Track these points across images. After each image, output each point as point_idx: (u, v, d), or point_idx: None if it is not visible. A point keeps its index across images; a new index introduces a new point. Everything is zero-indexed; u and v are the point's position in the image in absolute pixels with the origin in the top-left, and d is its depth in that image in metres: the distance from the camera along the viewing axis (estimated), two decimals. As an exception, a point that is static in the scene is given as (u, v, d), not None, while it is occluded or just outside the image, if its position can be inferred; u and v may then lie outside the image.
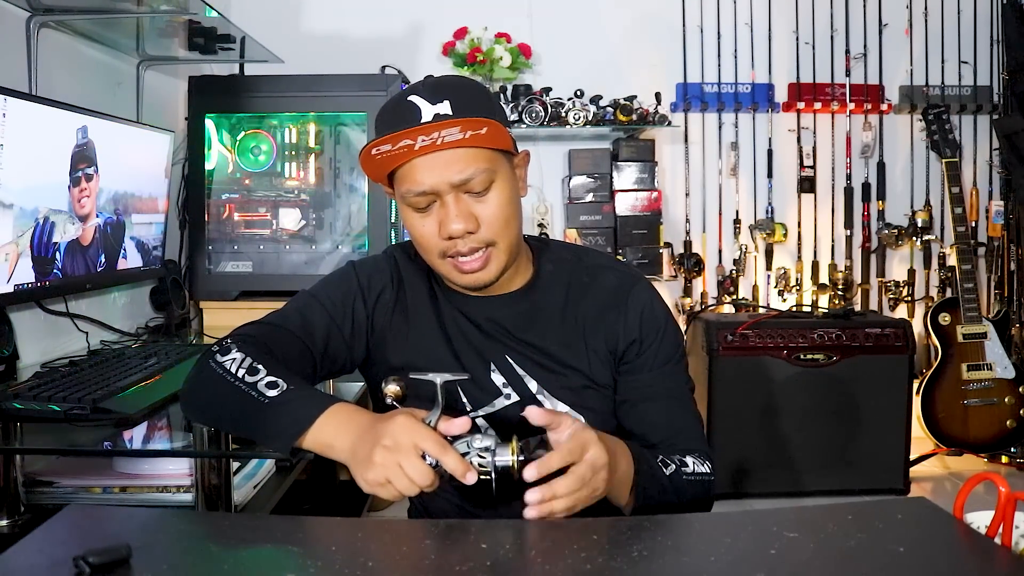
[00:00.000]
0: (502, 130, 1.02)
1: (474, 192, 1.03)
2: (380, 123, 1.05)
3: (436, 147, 0.99)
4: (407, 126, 0.99)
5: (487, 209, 1.04)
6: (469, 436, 0.90)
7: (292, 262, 2.62)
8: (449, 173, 1.01)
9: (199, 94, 2.60)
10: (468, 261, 1.05)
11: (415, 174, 1.02)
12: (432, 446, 0.86)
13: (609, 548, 0.80)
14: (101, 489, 1.53)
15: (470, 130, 0.99)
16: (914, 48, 3.29)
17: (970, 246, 3.11)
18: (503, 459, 0.89)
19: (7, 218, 1.60)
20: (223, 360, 1.01)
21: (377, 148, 0.99)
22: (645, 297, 1.15)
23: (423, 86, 1.03)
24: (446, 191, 1.02)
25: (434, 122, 0.99)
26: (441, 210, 1.04)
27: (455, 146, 1.00)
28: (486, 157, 1.03)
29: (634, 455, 1.00)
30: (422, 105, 1.01)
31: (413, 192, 1.03)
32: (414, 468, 0.85)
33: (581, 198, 3.09)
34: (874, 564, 0.74)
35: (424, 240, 1.07)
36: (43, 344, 1.94)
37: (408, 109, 1.01)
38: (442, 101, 1.01)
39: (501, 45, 3.10)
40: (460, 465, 0.86)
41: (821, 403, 2.78)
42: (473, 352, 1.13)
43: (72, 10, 1.95)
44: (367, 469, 0.87)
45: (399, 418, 0.88)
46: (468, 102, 1.02)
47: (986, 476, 0.83)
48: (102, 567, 0.70)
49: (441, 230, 1.04)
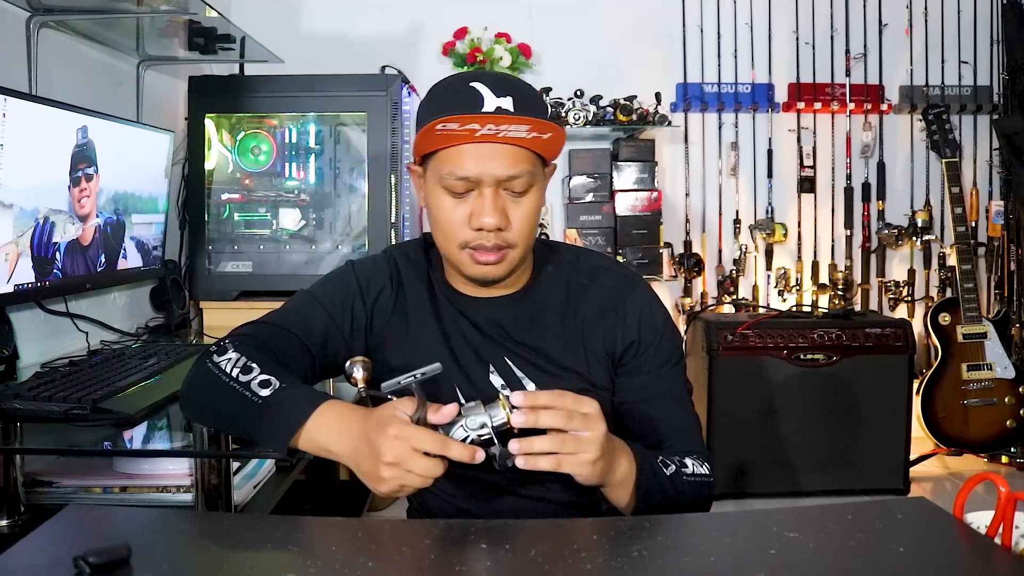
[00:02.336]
0: (561, 138, 1.02)
1: (513, 192, 1.04)
2: (436, 102, 1.04)
3: (496, 139, 1.00)
4: (469, 110, 0.99)
5: (520, 211, 1.05)
6: (461, 419, 0.91)
7: (292, 262, 2.62)
8: (498, 167, 1.01)
9: (199, 94, 2.60)
10: (486, 253, 1.05)
11: (464, 159, 1.01)
12: (432, 445, 0.87)
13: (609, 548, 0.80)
14: (101, 489, 1.53)
15: (536, 132, 0.99)
16: (914, 48, 3.29)
17: (970, 246, 3.11)
18: (498, 418, 0.90)
19: (7, 218, 1.60)
20: (219, 360, 1.01)
21: (444, 124, 0.98)
22: (644, 299, 1.15)
23: (487, 76, 1.03)
24: (489, 183, 1.02)
25: (497, 114, 0.99)
26: (478, 200, 1.03)
27: (513, 143, 1.01)
28: (533, 160, 1.04)
29: (636, 455, 1.00)
30: (486, 95, 1.00)
31: (456, 175, 1.02)
32: (423, 468, 0.86)
33: (581, 198, 3.10)
34: (874, 564, 0.74)
35: (449, 226, 1.06)
36: (43, 344, 1.94)
37: (470, 95, 1.01)
38: (505, 96, 1.01)
39: (501, 45, 3.10)
40: (465, 451, 0.88)
41: (821, 403, 2.78)
42: (472, 353, 1.13)
43: (72, 10, 1.95)
44: (379, 484, 0.88)
45: (391, 430, 0.87)
46: (529, 103, 1.03)
47: (986, 476, 0.83)
48: (102, 567, 0.70)
49: (472, 220, 1.04)
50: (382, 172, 2.57)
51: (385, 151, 2.56)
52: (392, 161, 2.57)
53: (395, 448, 0.86)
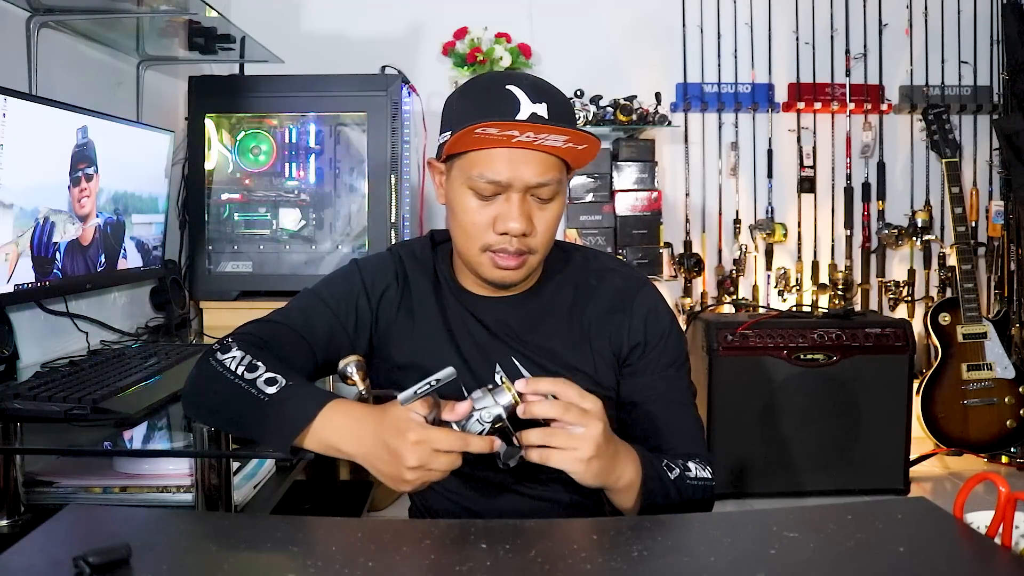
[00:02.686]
0: (596, 149, 1.02)
1: (540, 198, 1.04)
2: (473, 102, 1.04)
3: (531, 145, 1.00)
4: (506, 114, 0.99)
5: (545, 218, 1.05)
6: (476, 413, 0.92)
7: (292, 262, 2.62)
8: (529, 174, 1.01)
9: (199, 94, 2.60)
10: (507, 258, 1.05)
11: (496, 163, 1.01)
12: (453, 445, 0.88)
13: (609, 548, 0.80)
14: (101, 489, 1.53)
15: (572, 143, 0.99)
16: (914, 48, 3.29)
17: (970, 246, 3.11)
18: (505, 400, 0.92)
19: (7, 218, 1.60)
20: (223, 358, 1.01)
21: (484, 129, 0.97)
22: (651, 301, 1.16)
23: (523, 80, 1.03)
24: (518, 188, 1.02)
25: (534, 121, 0.99)
26: (505, 204, 1.03)
27: (547, 151, 1.01)
28: (561, 168, 1.04)
29: (642, 460, 1.00)
30: (522, 99, 1.00)
31: (487, 178, 1.02)
32: (445, 464, 0.89)
33: (581, 198, 3.10)
34: (874, 564, 0.74)
35: (474, 228, 1.06)
36: (43, 344, 1.94)
37: (507, 98, 1.01)
38: (541, 102, 1.01)
39: (501, 45, 3.10)
40: (485, 443, 0.90)
41: (821, 403, 2.78)
42: (478, 351, 1.13)
43: (72, 10, 1.95)
44: (400, 485, 0.90)
45: (410, 435, 0.88)
46: (563, 111, 1.03)
47: (986, 476, 0.83)
48: (102, 567, 0.70)
49: (498, 224, 1.03)
50: (382, 172, 2.57)
51: (385, 151, 2.56)
52: (392, 161, 2.57)
53: (418, 453, 0.87)
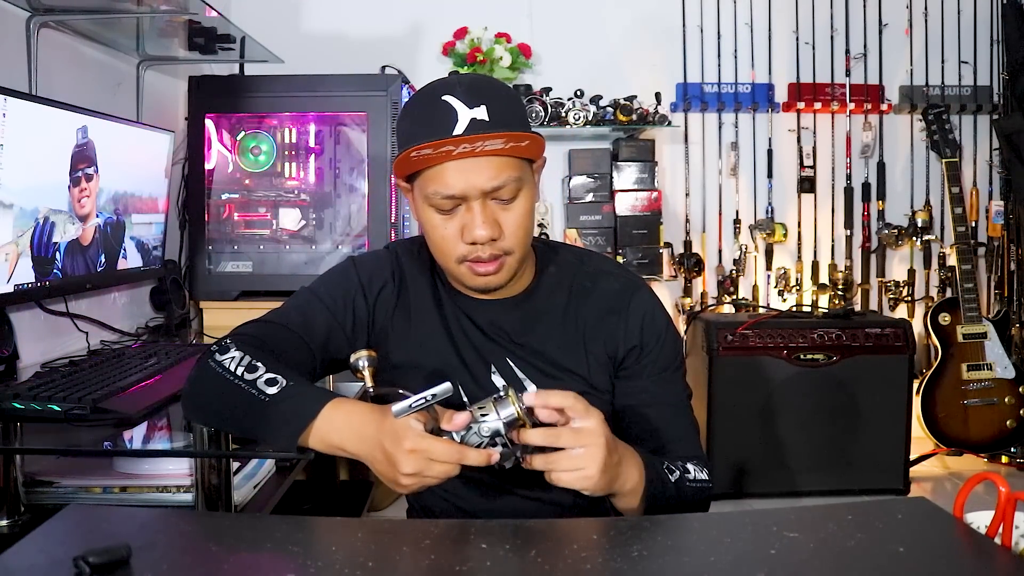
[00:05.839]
0: (540, 143, 1.01)
1: (502, 200, 1.02)
2: (412, 120, 1.03)
3: (474, 154, 0.98)
4: (442, 128, 0.97)
5: (511, 217, 1.04)
6: (475, 425, 0.91)
7: (292, 262, 2.62)
8: (482, 180, 1.00)
9: (199, 94, 2.60)
10: (483, 264, 1.05)
11: (446, 177, 1.00)
12: (449, 457, 0.88)
13: (609, 548, 0.80)
14: (101, 489, 1.52)
15: (512, 142, 0.98)
16: (914, 48, 3.29)
17: (970, 246, 3.11)
18: (508, 414, 0.91)
19: (7, 218, 1.60)
20: (222, 359, 1.01)
21: (418, 152, 0.97)
22: (647, 304, 1.15)
23: (458, 86, 1.00)
24: (475, 196, 1.01)
25: (471, 134, 0.97)
26: (467, 215, 1.02)
27: (492, 154, 0.99)
28: (517, 166, 1.02)
29: (645, 462, 1.00)
30: (458, 108, 0.98)
31: (441, 194, 1.01)
32: (440, 472, 0.89)
33: (581, 198, 3.10)
34: (874, 564, 0.74)
35: (444, 243, 1.05)
36: (43, 344, 1.94)
37: (444, 111, 0.98)
38: (479, 106, 0.98)
39: (501, 45, 3.10)
40: (481, 457, 0.89)
41: (821, 403, 2.78)
42: (475, 353, 1.13)
43: (72, 10, 1.95)
44: (401, 488, 0.91)
45: (406, 443, 0.88)
46: (504, 110, 1.00)
47: (986, 476, 0.83)
48: (102, 567, 0.70)
49: (465, 235, 1.02)
50: (382, 172, 2.57)
51: (385, 151, 2.56)
52: (392, 161, 2.57)
53: (413, 461, 0.88)
